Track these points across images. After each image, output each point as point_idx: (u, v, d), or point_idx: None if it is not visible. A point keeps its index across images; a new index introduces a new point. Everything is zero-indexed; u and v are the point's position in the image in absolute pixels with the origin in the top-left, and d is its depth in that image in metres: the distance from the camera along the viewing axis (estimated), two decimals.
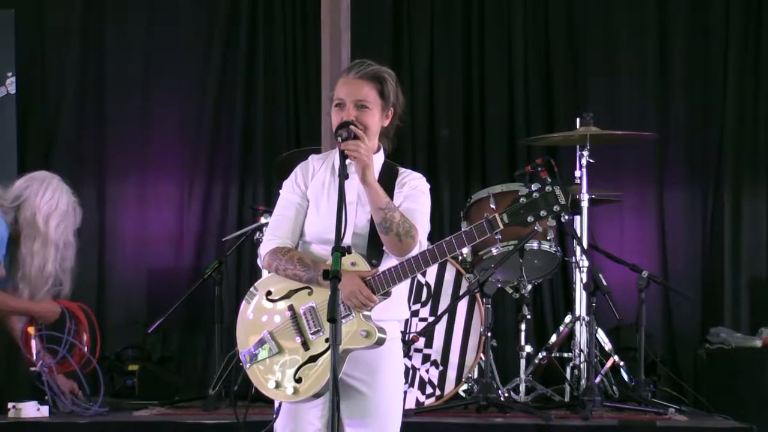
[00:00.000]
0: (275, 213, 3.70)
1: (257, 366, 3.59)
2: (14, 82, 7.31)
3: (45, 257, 5.33)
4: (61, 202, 5.42)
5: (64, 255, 5.43)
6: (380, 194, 3.48)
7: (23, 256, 5.33)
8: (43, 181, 5.43)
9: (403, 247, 3.49)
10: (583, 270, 5.99)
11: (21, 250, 5.33)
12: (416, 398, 5.71)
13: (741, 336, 6.58)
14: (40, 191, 5.37)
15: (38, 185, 5.40)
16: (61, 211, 5.41)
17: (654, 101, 7.39)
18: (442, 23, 7.54)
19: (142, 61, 7.63)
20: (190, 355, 7.40)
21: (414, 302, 5.75)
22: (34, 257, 5.32)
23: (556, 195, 3.45)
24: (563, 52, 7.46)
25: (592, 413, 5.39)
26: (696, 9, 7.41)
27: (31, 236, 5.33)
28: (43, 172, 5.56)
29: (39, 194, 5.37)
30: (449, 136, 7.45)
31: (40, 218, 5.33)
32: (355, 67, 3.64)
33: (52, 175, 5.52)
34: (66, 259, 5.45)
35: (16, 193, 5.39)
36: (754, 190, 7.26)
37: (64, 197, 5.44)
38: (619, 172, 7.23)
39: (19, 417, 5.42)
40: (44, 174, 5.51)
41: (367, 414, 3.60)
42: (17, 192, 5.39)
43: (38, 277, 5.35)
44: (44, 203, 5.36)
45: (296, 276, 3.55)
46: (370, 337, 3.47)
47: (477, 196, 6.14)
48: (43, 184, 5.41)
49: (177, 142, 7.58)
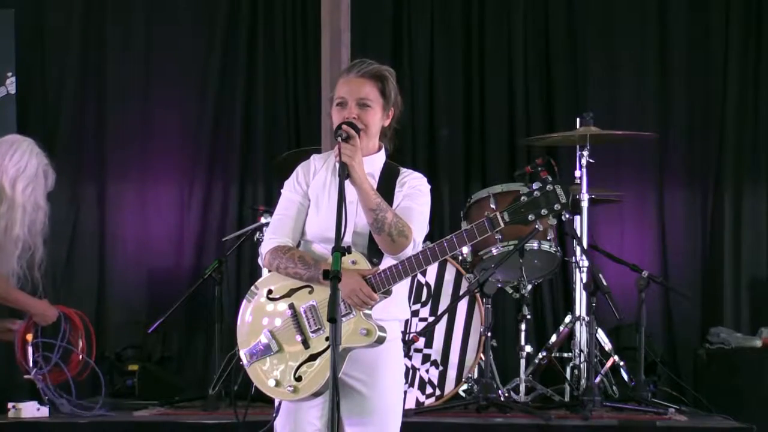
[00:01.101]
0: (276, 212, 3.70)
1: (257, 365, 3.59)
2: (14, 82, 7.31)
3: (11, 220, 5.22)
4: (30, 165, 5.32)
5: (33, 218, 5.31)
6: (370, 195, 3.47)
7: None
8: (12, 144, 5.34)
9: (396, 246, 3.48)
10: (583, 270, 5.99)
11: None
12: (416, 398, 5.71)
13: (741, 336, 6.59)
14: (8, 154, 5.28)
15: (6, 147, 5.31)
16: (29, 174, 5.30)
17: (654, 101, 7.39)
18: (442, 23, 7.54)
19: (142, 61, 7.62)
20: (190, 355, 7.40)
21: (414, 302, 5.75)
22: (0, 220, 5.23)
23: (557, 193, 3.45)
24: (563, 52, 7.46)
25: (592, 413, 5.40)
26: (696, 9, 7.42)
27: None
28: (13, 135, 5.47)
29: (7, 157, 5.27)
30: (449, 136, 7.45)
31: (6, 181, 5.23)
32: (356, 66, 3.64)
33: (23, 138, 5.42)
34: (36, 223, 5.33)
35: None
36: (754, 190, 7.26)
37: (33, 160, 5.34)
38: (619, 172, 7.23)
39: (19, 417, 5.42)
40: (14, 137, 5.43)
41: (367, 414, 3.60)
42: None
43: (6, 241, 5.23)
44: (12, 166, 5.26)
45: (297, 274, 3.55)
46: (370, 336, 3.47)
47: (477, 196, 6.14)
48: (12, 146, 5.32)
49: (177, 142, 7.58)
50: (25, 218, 5.30)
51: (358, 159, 3.46)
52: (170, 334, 7.30)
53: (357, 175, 3.45)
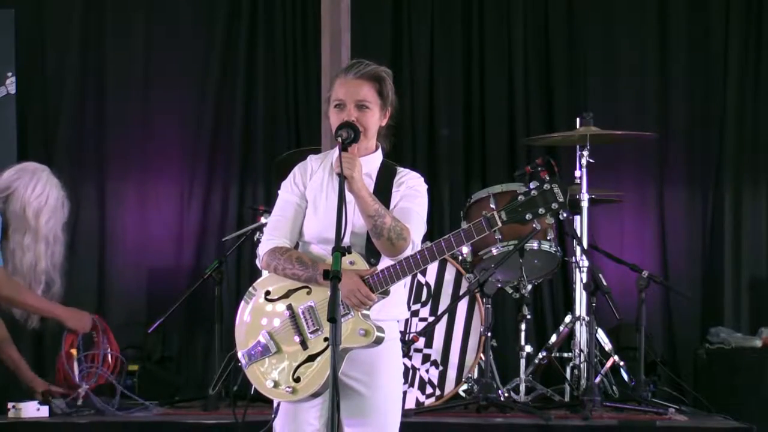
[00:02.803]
0: (274, 213, 3.70)
1: (256, 366, 3.59)
2: (14, 82, 7.31)
3: (37, 253, 5.24)
4: (51, 197, 5.32)
5: (54, 250, 5.32)
6: (369, 203, 3.47)
7: (12, 249, 5.22)
8: (33, 173, 5.33)
9: (396, 249, 3.49)
10: (583, 270, 5.99)
11: (9, 242, 5.22)
12: (416, 398, 5.71)
13: (741, 336, 6.59)
14: (30, 184, 5.27)
15: (29, 178, 5.30)
16: (51, 206, 5.31)
17: (654, 101, 7.39)
18: (442, 23, 7.54)
19: (142, 61, 7.62)
20: (190, 355, 7.40)
21: (414, 302, 5.75)
22: (25, 252, 5.22)
23: (554, 192, 3.45)
24: (563, 52, 7.46)
25: (592, 413, 5.39)
26: (696, 9, 7.41)
27: (21, 230, 5.22)
28: (33, 163, 5.45)
29: (29, 188, 5.26)
30: (449, 136, 7.45)
31: (30, 213, 5.24)
32: (353, 67, 3.64)
33: (42, 167, 5.42)
34: (56, 255, 5.34)
35: (5, 184, 5.28)
36: (754, 190, 7.26)
37: (53, 192, 5.35)
38: (619, 172, 7.23)
39: (19, 417, 5.41)
40: (34, 166, 5.41)
41: (366, 414, 3.60)
42: (6, 183, 5.29)
43: (31, 274, 5.25)
44: (34, 198, 5.26)
45: (295, 275, 3.55)
46: (368, 336, 3.47)
47: (477, 196, 6.13)
48: (33, 177, 5.31)
49: (177, 142, 7.58)
50: (48, 251, 5.30)
51: (357, 169, 3.47)
52: (170, 334, 7.30)
53: (357, 186, 3.45)
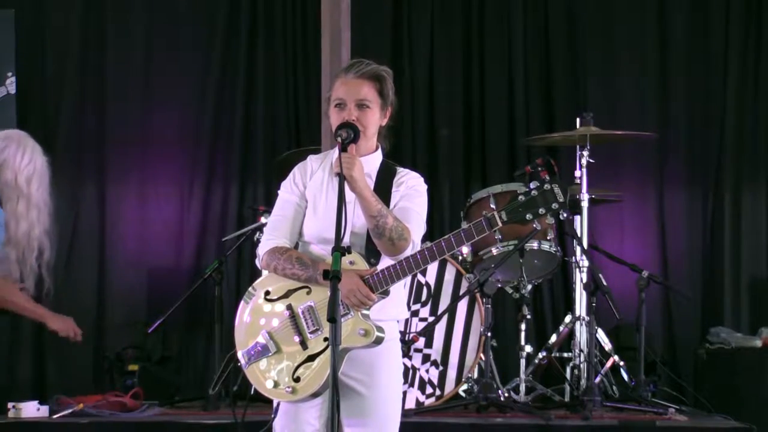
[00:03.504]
0: (273, 213, 3.70)
1: (256, 366, 3.59)
2: (14, 82, 7.31)
3: (31, 221, 5.18)
4: (38, 163, 5.26)
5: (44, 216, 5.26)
6: (371, 202, 3.47)
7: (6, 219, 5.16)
8: (19, 141, 5.26)
9: (396, 249, 3.49)
10: (583, 270, 5.99)
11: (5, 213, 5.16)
12: (416, 398, 5.71)
13: (741, 336, 6.58)
14: (18, 152, 5.20)
15: (16, 146, 5.23)
16: (39, 173, 5.25)
17: (654, 101, 7.39)
18: (442, 23, 7.53)
19: (142, 61, 7.62)
20: (190, 355, 7.39)
21: (414, 302, 5.75)
22: (19, 220, 5.16)
23: (554, 192, 3.45)
24: (563, 52, 7.46)
25: (592, 413, 5.40)
26: (696, 9, 7.41)
27: (13, 198, 5.16)
28: (14, 131, 5.40)
29: (18, 156, 5.19)
30: (449, 136, 7.45)
31: (22, 180, 5.17)
32: (353, 66, 3.64)
33: (23, 133, 5.36)
34: (46, 221, 5.29)
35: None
36: (754, 190, 7.26)
37: (39, 157, 5.28)
38: (619, 172, 7.22)
39: (19, 417, 5.42)
40: (18, 133, 5.35)
41: (366, 414, 3.60)
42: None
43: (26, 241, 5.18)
44: (24, 165, 5.19)
45: (295, 275, 3.55)
46: (368, 336, 3.47)
47: (477, 196, 6.13)
48: (20, 144, 5.24)
49: (177, 142, 7.57)
50: (40, 217, 5.28)
51: (357, 169, 3.47)
52: (170, 334, 7.29)
53: (359, 186, 3.46)
